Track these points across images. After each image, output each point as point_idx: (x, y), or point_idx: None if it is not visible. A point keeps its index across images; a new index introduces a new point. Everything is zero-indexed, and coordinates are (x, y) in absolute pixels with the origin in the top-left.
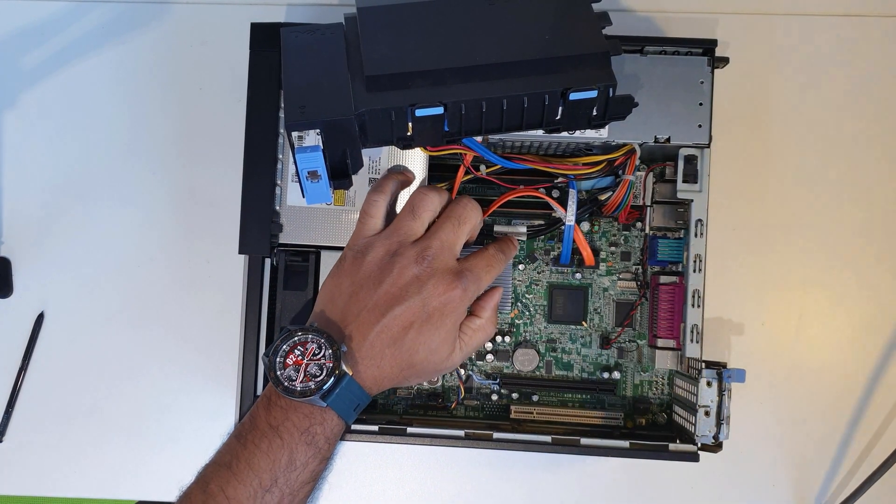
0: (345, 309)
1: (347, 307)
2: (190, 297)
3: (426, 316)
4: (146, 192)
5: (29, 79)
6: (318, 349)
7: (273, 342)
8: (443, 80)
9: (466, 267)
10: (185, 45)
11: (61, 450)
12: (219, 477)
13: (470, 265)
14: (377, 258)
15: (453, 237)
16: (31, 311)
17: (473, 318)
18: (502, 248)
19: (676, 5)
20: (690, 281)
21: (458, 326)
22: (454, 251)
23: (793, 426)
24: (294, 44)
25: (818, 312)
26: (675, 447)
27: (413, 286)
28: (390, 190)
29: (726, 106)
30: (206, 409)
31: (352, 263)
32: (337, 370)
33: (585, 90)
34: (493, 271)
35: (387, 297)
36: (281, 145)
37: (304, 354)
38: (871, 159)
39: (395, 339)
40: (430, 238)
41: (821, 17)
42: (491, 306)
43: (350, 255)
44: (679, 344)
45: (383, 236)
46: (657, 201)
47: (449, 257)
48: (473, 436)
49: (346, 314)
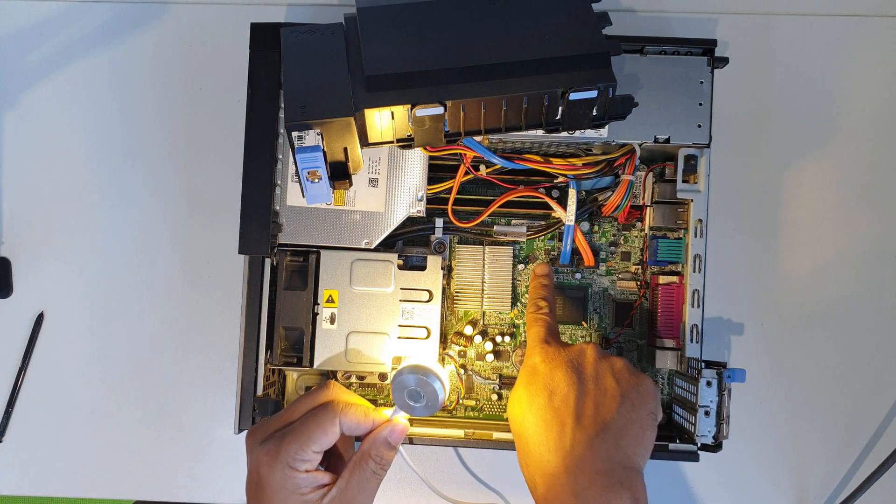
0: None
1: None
2: (190, 297)
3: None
4: (146, 191)
5: (29, 79)
6: None
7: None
8: (443, 80)
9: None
10: (185, 45)
11: (61, 450)
12: None
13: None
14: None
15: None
16: (31, 311)
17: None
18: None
19: (676, 5)
20: (690, 281)
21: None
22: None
23: (793, 426)
24: (294, 44)
25: (818, 312)
26: (676, 447)
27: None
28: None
29: (726, 106)
30: (206, 409)
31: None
32: None
33: (585, 90)
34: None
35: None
36: (281, 145)
37: None
38: (871, 159)
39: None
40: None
41: (821, 17)
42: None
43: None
44: (679, 344)
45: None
46: (657, 201)
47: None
48: (473, 436)
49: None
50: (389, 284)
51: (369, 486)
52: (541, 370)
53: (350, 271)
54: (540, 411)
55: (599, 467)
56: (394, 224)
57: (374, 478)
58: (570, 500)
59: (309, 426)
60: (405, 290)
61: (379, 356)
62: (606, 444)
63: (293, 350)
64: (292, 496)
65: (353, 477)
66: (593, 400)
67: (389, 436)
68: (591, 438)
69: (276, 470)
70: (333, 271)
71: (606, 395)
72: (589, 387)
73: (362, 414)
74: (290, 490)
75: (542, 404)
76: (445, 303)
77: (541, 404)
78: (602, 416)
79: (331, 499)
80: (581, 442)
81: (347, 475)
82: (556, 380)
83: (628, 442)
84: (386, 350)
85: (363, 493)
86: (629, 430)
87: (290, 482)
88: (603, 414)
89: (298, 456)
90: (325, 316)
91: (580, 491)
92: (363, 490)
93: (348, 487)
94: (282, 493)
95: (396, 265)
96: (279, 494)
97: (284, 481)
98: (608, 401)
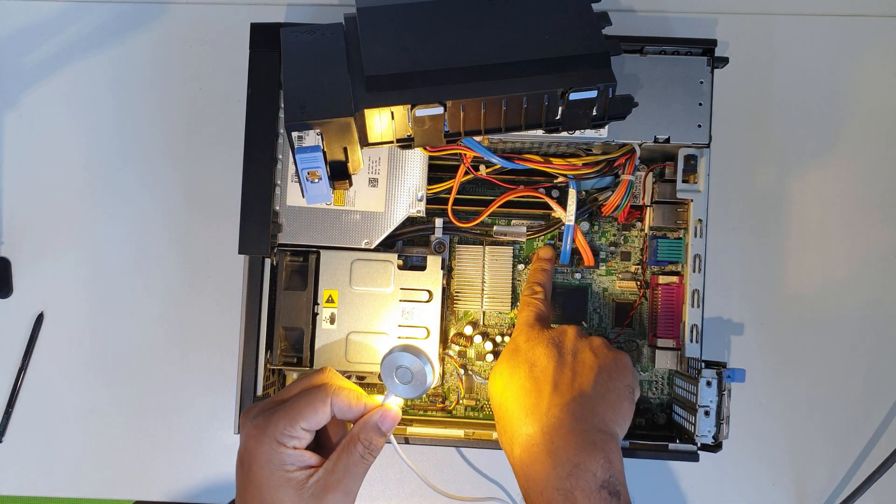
0: None
1: None
2: (190, 298)
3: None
4: (146, 191)
5: (29, 79)
6: None
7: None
8: (443, 80)
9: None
10: (185, 45)
11: (61, 450)
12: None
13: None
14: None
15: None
16: (31, 311)
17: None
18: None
19: (676, 5)
20: (690, 281)
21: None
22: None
23: (793, 426)
24: (294, 44)
25: (818, 312)
26: (675, 447)
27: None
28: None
29: (726, 106)
30: (206, 409)
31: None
32: None
33: (585, 90)
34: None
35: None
36: (281, 145)
37: None
38: (871, 158)
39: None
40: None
41: (821, 17)
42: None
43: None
44: (679, 344)
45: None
46: (657, 201)
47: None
48: (473, 436)
49: None
50: (389, 284)
51: (356, 471)
52: (522, 347)
53: (350, 271)
54: (520, 381)
55: (575, 428)
56: (394, 224)
57: (361, 462)
58: (545, 458)
59: (300, 403)
60: (405, 290)
61: (379, 356)
62: (583, 408)
63: (293, 350)
64: (277, 471)
65: (341, 459)
66: (571, 369)
67: (380, 421)
68: (568, 403)
69: (263, 443)
70: (333, 271)
71: (584, 366)
72: (567, 359)
73: (354, 397)
74: (275, 465)
75: (523, 375)
76: (445, 303)
77: (521, 375)
78: (579, 384)
79: (316, 479)
80: (557, 405)
81: (335, 457)
82: (536, 354)
83: (605, 409)
84: (386, 350)
85: (349, 477)
86: (605, 398)
87: (276, 457)
88: (580, 382)
89: (286, 431)
90: (325, 316)
91: (554, 450)
92: (349, 473)
93: (335, 469)
94: (267, 466)
95: (396, 265)
96: (265, 468)
97: (271, 455)
98: (586, 371)
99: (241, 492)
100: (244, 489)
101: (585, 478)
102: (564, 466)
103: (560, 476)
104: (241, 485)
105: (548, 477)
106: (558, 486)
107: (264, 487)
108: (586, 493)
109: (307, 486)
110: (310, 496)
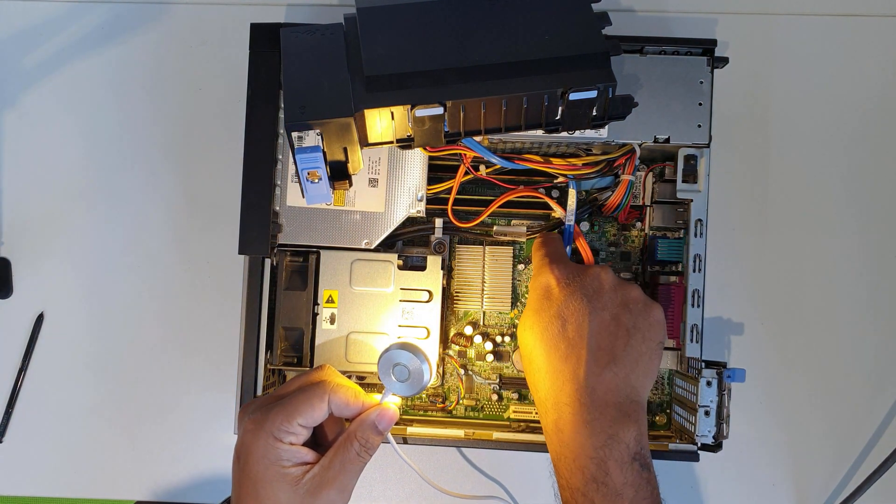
0: None
1: None
2: (190, 298)
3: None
4: (146, 192)
5: (29, 79)
6: None
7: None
8: (443, 80)
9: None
10: (185, 45)
11: (61, 450)
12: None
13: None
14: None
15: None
16: (31, 311)
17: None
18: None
19: (676, 5)
20: (690, 281)
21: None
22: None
23: (793, 426)
24: (294, 44)
25: (818, 312)
26: (675, 447)
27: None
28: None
29: (726, 106)
30: (206, 409)
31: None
32: None
33: (585, 90)
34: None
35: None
36: (281, 145)
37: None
38: (871, 159)
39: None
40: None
41: (821, 17)
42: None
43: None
44: (679, 344)
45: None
46: (657, 201)
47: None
48: (473, 436)
49: None
50: (389, 284)
51: (352, 468)
52: (554, 294)
53: (350, 271)
54: (553, 339)
55: (610, 399)
56: (394, 224)
57: (357, 459)
58: (581, 427)
59: (297, 399)
60: (405, 291)
61: (379, 356)
62: (617, 377)
63: (293, 350)
64: (273, 466)
65: (337, 456)
66: (608, 332)
67: (378, 420)
68: (604, 371)
69: (259, 438)
70: (333, 271)
71: (620, 328)
72: (604, 317)
73: (352, 395)
74: (271, 460)
75: (556, 333)
76: (445, 303)
77: (554, 333)
78: (615, 349)
79: (312, 476)
80: (594, 374)
81: (331, 454)
82: (569, 308)
83: (637, 374)
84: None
85: (345, 474)
86: (639, 363)
87: (272, 452)
88: (616, 347)
89: (283, 427)
90: (325, 316)
91: (591, 420)
92: (345, 471)
93: (331, 466)
94: (263, 462)
95: (396, 265)
96: (261, 463)
97: (267, 451)
98: (622, 333)
99: (237, 486)
100: (240, 484)
101: (619, 448)
102: (599, 437)
103: (595, 445)
104: (237, 479)
105: (582, 446)
106: (592, 455)
107: (260, 482)
108: (619, 463)
109: (303, 482)
110: (305, 492)
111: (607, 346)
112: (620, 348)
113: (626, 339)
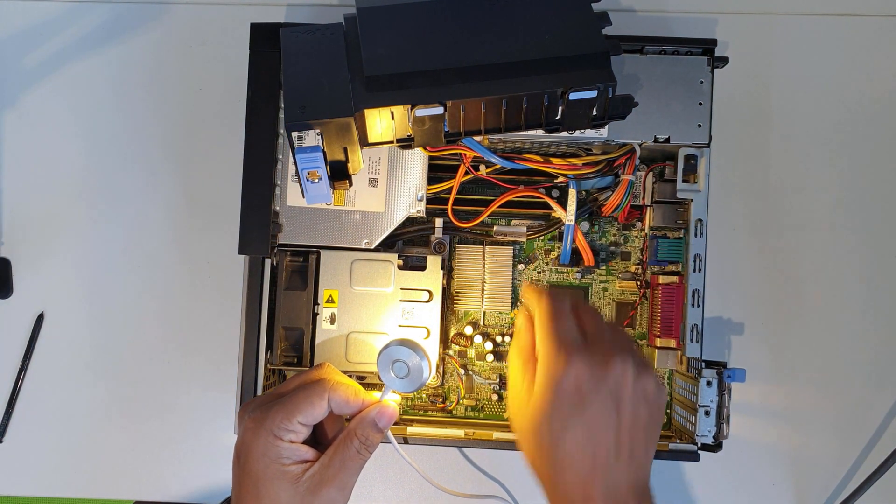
0: None
1: None
2: (190, 298)
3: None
4: (146, 192)
5: (29, 79)
6: None
7: None
8: (443, 80)
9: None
10: (185, 45)
11: (61, 450)
12: None
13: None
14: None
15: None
16: (31, 311)
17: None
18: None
19: (676, 5)
20: (690, 281)
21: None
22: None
23: (793, 426)
24: (294, 44)
25: (818, 312)
26: (675, 447)
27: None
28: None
29: (726, 106)
30: (206, 409)
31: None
32: None
33: (585, 90)
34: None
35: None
36: (281, 145)
37: None
38: (871, 159)
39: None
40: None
41: (821, 17)
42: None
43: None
44: (679, 344)
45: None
46: (657, 201)
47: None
48: (473, 436)
49: None
50: (389, 284)
51: (352, 465)
52: (576, 401)
53: (350, 271)
54: (574, 445)
55: (629, 499)
56: (394, 224)
57: (357, 457)
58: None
59: (297, 397)
60: (405, 290)
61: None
62: (634, 470)
63: (293, 350)
64: (273, 464)
65: (337, 454)
66: (629, 435)
67: (377, 417)
68: (625, 467)
69: (259, 436)
70: (333, 271)
71: (638, 427)
72: (625, 422)
73: (352, 393)
74: (271, 458)
75: (580, 441)
76: (446, 303)
77: (578, 440)
78: (634, 447)
79: (312, 473)
80: (616, 471)
81: (331, 452)
82: (595, 415)
83: (648, 459)
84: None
85: (344, 472)
86: (650, 450)
87: (272, 450)
88: (634, 445)
89: (283, 425)
90: (325, 316)
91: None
92: (345, 468)
93: (331, 464)
94: (263, 460)
95: (396, 265)
96: (261, 461)
97: (267, 449)
98: (640, 433)
99: (237, 485)
100: (240, 482)
101: None
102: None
103: None
104: (237, 478)
105: None
106: None
107: (260, 480)
108: None
109: (302, 479)
110: (305, 490)
111: (628, 446)
112: (639, 447)
113: (643, 436)
